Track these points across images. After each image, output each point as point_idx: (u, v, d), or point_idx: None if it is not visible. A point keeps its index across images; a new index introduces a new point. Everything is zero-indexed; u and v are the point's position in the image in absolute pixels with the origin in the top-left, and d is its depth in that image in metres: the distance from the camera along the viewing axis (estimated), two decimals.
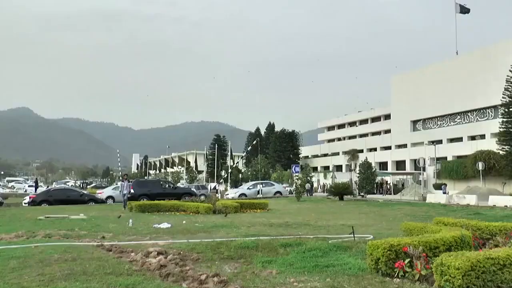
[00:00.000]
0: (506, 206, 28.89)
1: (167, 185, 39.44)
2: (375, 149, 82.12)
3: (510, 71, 47.25)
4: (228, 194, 46.53)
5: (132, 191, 33.07)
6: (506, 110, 47.79)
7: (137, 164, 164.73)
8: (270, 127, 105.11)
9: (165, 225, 16.10)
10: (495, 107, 58.19)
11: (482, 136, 61.22)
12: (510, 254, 6.67)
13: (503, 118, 48.15)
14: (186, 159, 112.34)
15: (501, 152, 49.05)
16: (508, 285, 6.51)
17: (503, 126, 47.91)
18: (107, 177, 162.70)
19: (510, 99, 47.03)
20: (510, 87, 47.02)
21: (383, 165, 77.13)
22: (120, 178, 30.52)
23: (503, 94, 47.81)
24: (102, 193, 39.34)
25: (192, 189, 43.61)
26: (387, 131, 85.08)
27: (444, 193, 39.11)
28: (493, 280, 6.43)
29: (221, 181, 72.77)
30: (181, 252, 9.88)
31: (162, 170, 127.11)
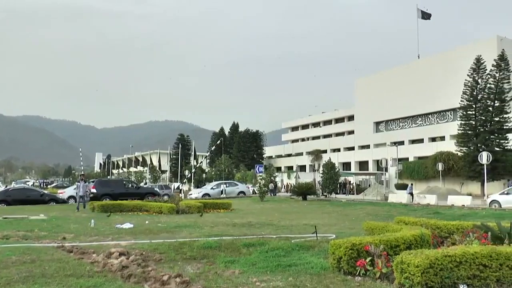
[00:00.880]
0: (464, 205, 29.68)
1: (130, 185, 38.96)
2: (338, 150, 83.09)
3: (468, 75, 48.47)
4: (191, 194, 46.24)
5: (94, 190, 32.63)
6: (464, 113, 48.99)
7: (100, 163, 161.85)
8: (234, 127, 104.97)
9: (127, 225, 15.92)
10: (454, 109, 59.66)
11: (442, 138, 62.78)
12: (466, 251, 6.86)
13: (461, 120, 49.35)
14: (150, 158, 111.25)
15: (459, 153, 50.29)
16: (464, 281, 6.71)
17: (461, 128, 49.10)
18: (69, 176, 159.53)
19: (468, 102, 48.24)
20: (468, 91, 48.22)
21: (347, 166, 78.08)
22: (79, 177, 29.68)
23: (461, 97, 49.01)
24: (64, 193, 38.50)
25: (155, 189, 43.20)
26: (351, 132, 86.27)
27: (410, 192, 39.98)
28: (450, 276, 6.60)
29: (184, 181, 72.39)
30: (144, 253, 9.77)
31: (125, 170, 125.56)
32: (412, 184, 47.44)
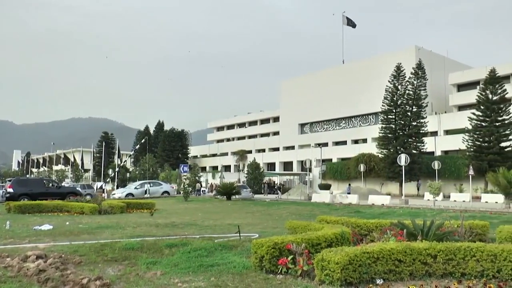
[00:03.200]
0: (383, 204, 30.79)
1: (50, 184, 37.29)
2: (263, 150, 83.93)
3: (389, 81, 50.55)
4: (114, 194, 45.19)
5: (11, 190, 31.17)
6: (385, 117, 51.06)
7: (19, 161, 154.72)
8: (160, 125, 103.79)
9: (46, 226, 15.29)
10: (376, 113, 61.84)
11: (364, 140, 64.97)
12: (383, 248, 7.16)
13: (382, 124, 51.41)
14: (73, 156, 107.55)
15: (380, 155, 52.29)
16: (380, 276, 7.00)
17: (382, 132, 51.13)
18: None
19: (389, 107, 50.32)
20: (388, 96, 50.30)
21: (271, 166, 79.00)
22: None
23: (382, 102, 51.07)
24: None
25: (77, 188, 41.75)
26: (276, 133, 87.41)
27: (349, 193, 41.11)
28: (368, 272, 6.87)
29: (108, 180, 70.56)
30: (63, 255, 9.40)
31: (46, 168, 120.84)
32: (349, 185, 48.81)
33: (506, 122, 43.24)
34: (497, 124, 43.33)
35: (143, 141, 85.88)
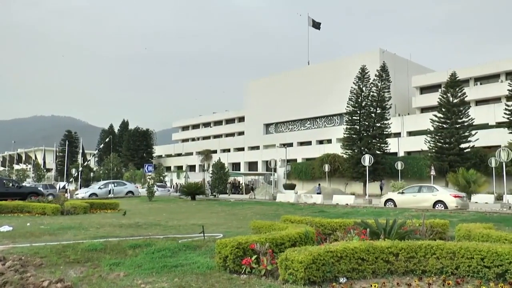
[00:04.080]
0: (347, 204, 31.08)
1: (10, 184, 36.33)
2: (228, 150, 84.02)
3: (353, 83, 51.20)
4: (78, 194, 44.37)
5: None
6: (349, 118, 51.70)
7: None
8: (124, 124, 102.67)
9: (5, 228, 14.89)
10: (341, 114, 62.60)
11: (329, 141, 65.63)
12: (346, 247, 7.24)
13: (347, 125, 52.03)
14: (35, 155, 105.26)
15: (344, 156, 52.90)
16: (344, 274, 7.09)
17: (346, 132, 51.76)
18: None
19: (354, 108, 50.99)
20: (353, 98, 50.97)
21: (236, 166, 79.03)
22: None
23: (347, 103, 51.70)
24: None
25: (39, 188, 40.83)
26: (241, 133, 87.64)
27: (319, 193, 41.27)
28: (332, 271, 6.94)
29: (71, 180, 69.34)
30: (23, 258, 9.17)
31: (6, 168, 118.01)
32: (319, 185, 49.18)
33: (466, 124, 44.37)
34: (457, 126, 44.40)
35: (107, 140, 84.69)
